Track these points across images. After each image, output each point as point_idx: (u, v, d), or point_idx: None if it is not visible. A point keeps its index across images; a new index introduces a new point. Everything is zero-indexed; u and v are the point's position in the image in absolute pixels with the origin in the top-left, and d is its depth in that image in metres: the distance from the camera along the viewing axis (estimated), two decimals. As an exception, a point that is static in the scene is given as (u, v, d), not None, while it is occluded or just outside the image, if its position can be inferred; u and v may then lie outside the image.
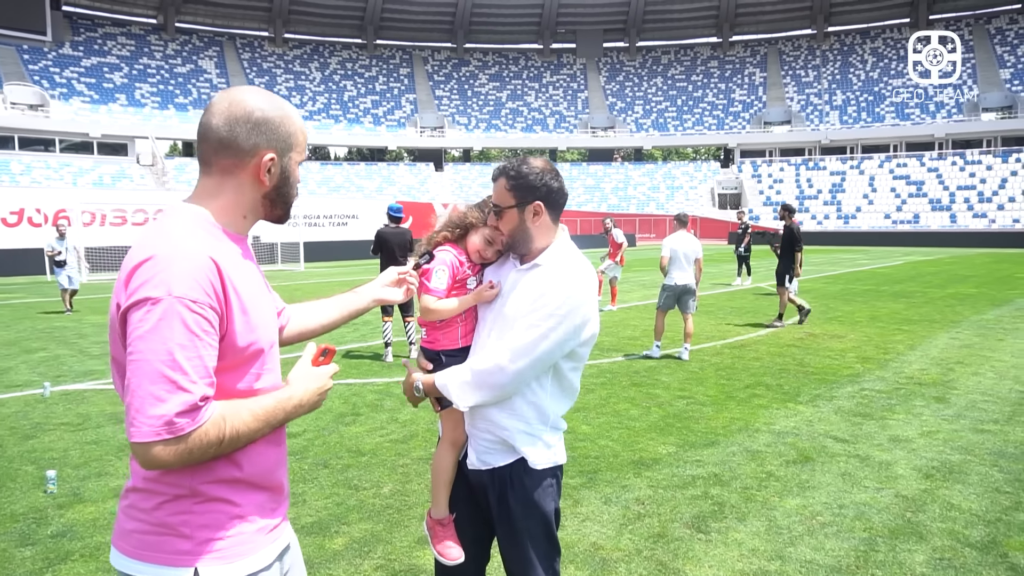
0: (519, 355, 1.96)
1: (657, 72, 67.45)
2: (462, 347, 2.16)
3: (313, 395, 1.56)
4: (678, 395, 6.68)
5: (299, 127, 1.58)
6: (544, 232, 2.11)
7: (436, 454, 2.21)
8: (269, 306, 1.59)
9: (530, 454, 2.07)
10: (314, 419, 5.92)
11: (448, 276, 2.10)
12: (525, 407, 2.06)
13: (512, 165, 2.08)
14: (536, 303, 2.00)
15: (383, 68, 64.92)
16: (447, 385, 2.03)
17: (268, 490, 1.55)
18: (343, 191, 50.30)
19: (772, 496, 4.23)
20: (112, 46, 55.10)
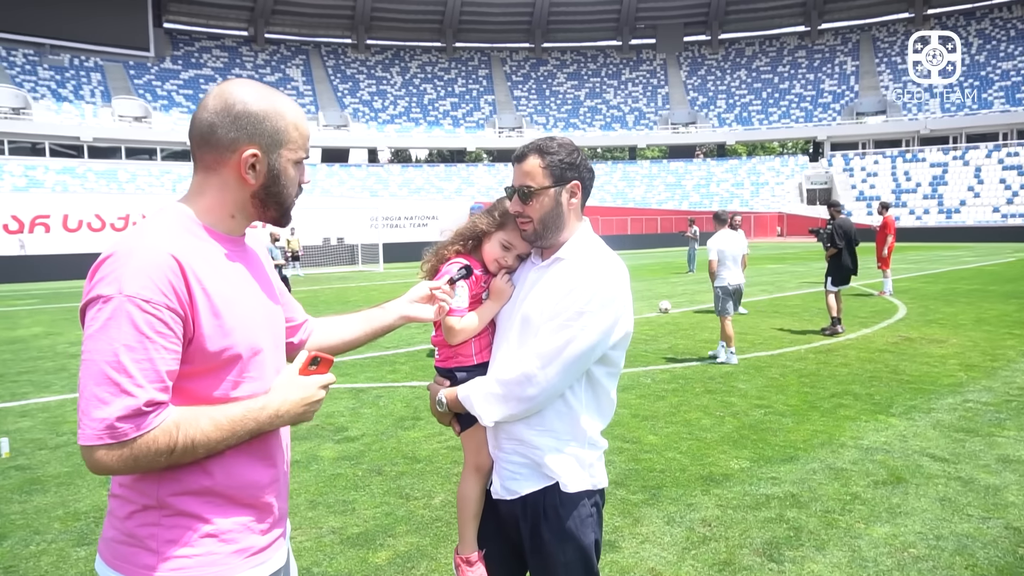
0: (548, 361, 1.73)
1: (741, 65, 65.30)
2: (477, 364, 1.94)
3: (295, 406, 1.42)
4: (755, 404, 6.25)
5: (291, 122, 1.45)
6: (573, 220, 1.89)
7: (460, 483, 1.98)
8: (256, 311, 1.45)
9: (563, 475, 1.83)
10: (374, 423, 5.85)
11: (467, 292, 1.91)
12: (557, 421, 1.82)
13: (543, 142, 1.87)
14: (563, 301, 1.77)
15: (462, 70, 65.61)
16: (470, 397, 1.82)
17: (250, 508, 1.43)
18: (423, 192, 51.11)
19: (857, 522, 3.81)
20: (207, 59, 57.97)
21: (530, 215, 1.85)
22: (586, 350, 1.75)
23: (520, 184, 1.85)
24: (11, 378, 7.99)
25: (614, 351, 1.85)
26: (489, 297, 1.94)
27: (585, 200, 1.91)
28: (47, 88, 48.47)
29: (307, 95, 58.72)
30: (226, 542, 1.39)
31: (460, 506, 1.96)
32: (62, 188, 39.16)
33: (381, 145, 58.73)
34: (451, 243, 2.00)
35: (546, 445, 1.82)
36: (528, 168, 1.85)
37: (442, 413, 1.93)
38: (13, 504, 4.26)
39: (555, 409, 1.82)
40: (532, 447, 1.83)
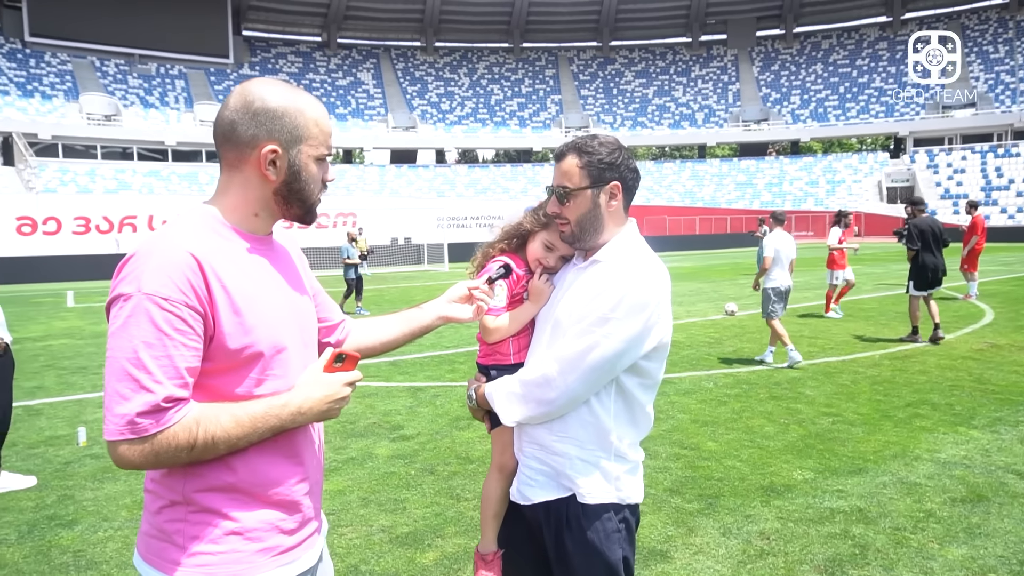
0: (567, 367, 1.67)
1: (817, 59, 63.02)
2: (515, 363, 1.91)
3: (319, 403, 1.40)
4: (823, 412, 5.97)
5: (311, 118, 1.44)
6: (614, 222, 1.81)
7: (484, 481, 1.98)
8: (279, 310, 1.44)
9: (583, 486, 1.75)
10: (430, 422, 5.88)
11: (507, 291, 1.90)
12: (580, 429, 1.75)
13: (583, 140, 1.80)
14: (589, 305, 1.71)
15: (529, 70, 65.68)
16: (493, 395, 1.80)
17: (276, 506, 1.42)
18: (489, 193, 51.41)
19: (931, 542, 3.58)
20: (283, 64, 59.91)
21: (567, 216, 1.79)
22: (609, 358, 1.67)
23: (557, 184, 1.80)
24: (93, 370, 8.42)
25: (648, 362, 1.76)
26: (529, 298, 1.91)
27: (628, 201, 1.83)
28: (136, 96, 51.10)
29: (377, 98, 59.96)
30: (251, 540, 1.38)
31: (483, 504, 1.96)
32: (148, 190, 41.23)
33: (448, 146, 59.39)
34: (497, 241, 1.99)
35: (568, 453, 1.76)
36: (566, 168, 1.79)
37: (474, 408, 1.92)
38: (86, 491, 4.47)
39: (579, 416, 1.75)
40: (553, 453, 1.78)
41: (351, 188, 48.65)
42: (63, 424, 6.03)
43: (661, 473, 4.58)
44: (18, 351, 9.77)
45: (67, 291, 20.33)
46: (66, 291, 20.33)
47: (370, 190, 49.09)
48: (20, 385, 7.61)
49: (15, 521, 4.03)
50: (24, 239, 28.58)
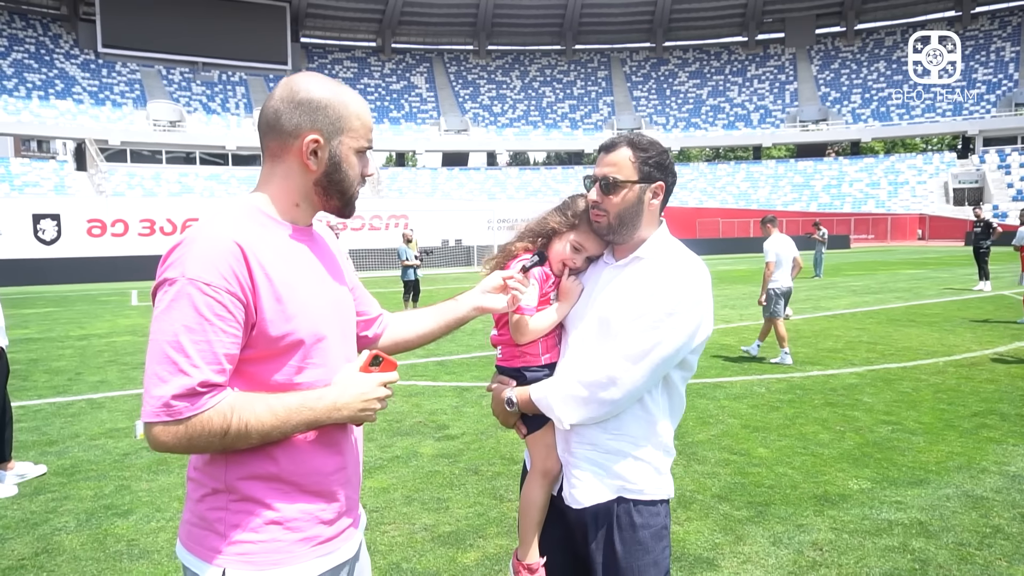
0: (635, 363, 1.66)
1: (879, 56, 60.98)
2: (545, 364, 1.86)
3: (354, 400, 1.40)
4: (882, 420, 5.74)
5: (353, 112, 1.46)
6: (651, 221, 1.82)
7: (525, 488, 1.89)
8: (319, 298, 1.45)
9: (640, 482, 1.75)
10: (475, 422, 5.87)
11: (538, 291, 1.83)
12: (635, 425, 1.75)
13: (636, 136, 1.81)
14: (649, 302, 1.70)
15: (581, 72, 65.44)
16: (547, 398, 1.73)
17: (317, 497, 1.43)
18: (540, 195, 51.38)
19: (998, 559, 3.38)
20: (339, 70, 61.16)
21: (607, 208, 1.77)
22: (673, 352, 1.69)
23: (604, 174, 1.77)
24: (154, 366, 8.70)
25: (693, 355, 1.78)
26: (559, 298, 1.87)
27: (664, 205, 1.84)
28: (199, 102, 52.90)
29: (430, 101, 60.64)
30: (291, 530, 1.39)
31: (524, 511, 1.87)
32: (209, 193, 42.59)
33: (500, 148, 59.62)
34: (519, 240, 1.92)
35: (621, 450, 1.75)
36: (617, 159, 1.78)
37: (509, 413, 1.84)
38: (142, 482, 4.61)
39: (632, 413, 1.75)
40: (607, 452, 1.76)
41: (403, 191, 49.30)
42: (123, 417, 6.24)
43: (709, 479, 4.46)
44: (84, 347, 10.21)
45: (132, 290, 21.13)
46: (131, 290, 21.14)
47: (422, 192, 49.66)
48: (85, 379, 7.94)
49: (75, 509, 4.18)
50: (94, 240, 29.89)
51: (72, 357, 9.38)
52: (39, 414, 6.41)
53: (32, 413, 6.41)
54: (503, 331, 1.88)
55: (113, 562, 3.51)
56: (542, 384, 1.78)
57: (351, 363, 1.47)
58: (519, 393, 1.81)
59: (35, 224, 27.90)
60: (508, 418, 1.86)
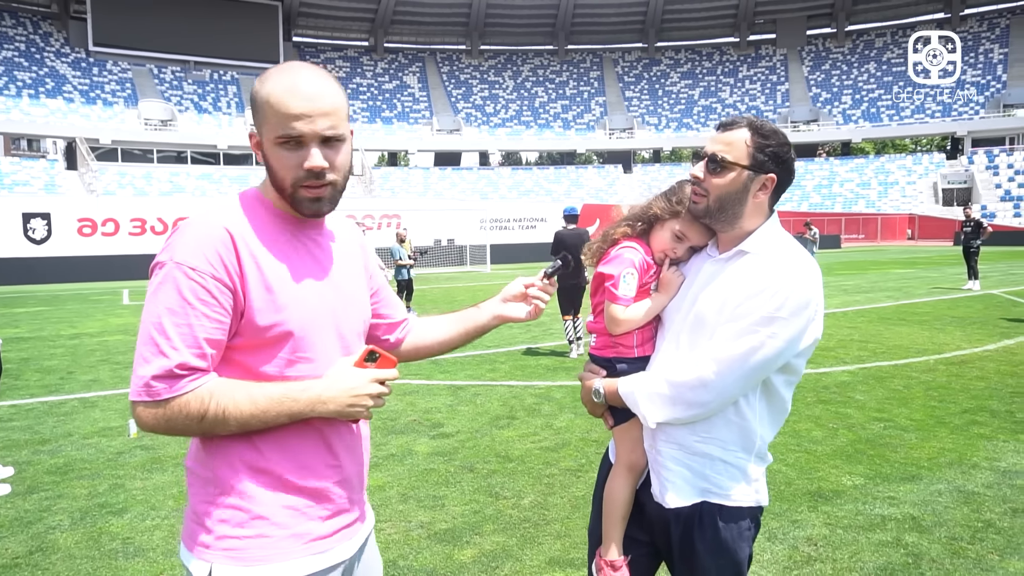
0: (728, 368, 1.58)
1: (870, 57, 61.33)
2: (638, 356, 1.79)
3: (342, 395, 1.35)
4: (874, 417, 5.78)
5: (272, 102, 1.32)
6: (757, 214, 1.69)
7: (609, 481, 1.84)
8: (315, 293, 1.41)
9: (728, 488, 1.68)
10: (470, 420, 5.88)
11: (637, 280, 1.75)
12: (725, 429, 1.67)
13: (760, 121, 1.67)
14: (749, 303, 1.59)
15: (573, 72, 65.50)
16: (634, 394, 1.69)
17: (305, 493, 1.38)
18: (532, 195, 51.40)
19: (989, 552, 3.41)
20: (331, 69, 60.95)
21: (709, 188, 1.66)
22: (771, 358, 1.58)
23: (714, 151, 1.65)
24: (146, 365, 8.67)
25: (798, 359, 1.66)
26: (658, 289, 1.79)
27: (774, 201, 1.72)
28: (190, 101, 52.64)
29: (422, 101, 60.56)
30: (278, 525, 1.35)
31: (608, 507, 1.82)
32: (200, 193, 42.39)
33: (492, 148, 59.59)
34: (619, 225, 1.85)
35: (710, 454, 1.68)
36: (732, 138, 1.65)
37: (596, 404, 1.80)
38: (136, 480, 4.59)
39: (724, 417, 1.66)
40: (694, 454, 1.69)
41: (396, 190, 49.21)
42: (116, 416, 6.22)
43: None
44: (76, 346, 10.16)
45: (123, 289, 21.02)
46: (122, 289, 21.03)
47: (414, 192, 49.58)
48: (77, 378, 7.90)
49: (68, 508, 4.16)
50: (84, 239, 29.67)
51: (64, 356, 9.33)
52: (31, 413, 6.37)
53: (24, 412, 6.38)
54: (599, 319, 1.83)
55: (108, 560, 3.50)
56: (631, 378, 1.73)
57: (347, 357, 1.42)
58: (607, 384, 1.76)
59: (25, 223, 27.67)
60: (595, 408, 1.82)
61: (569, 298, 8.70)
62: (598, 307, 1.84)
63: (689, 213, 1.74)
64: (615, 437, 1.84)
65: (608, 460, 1.91)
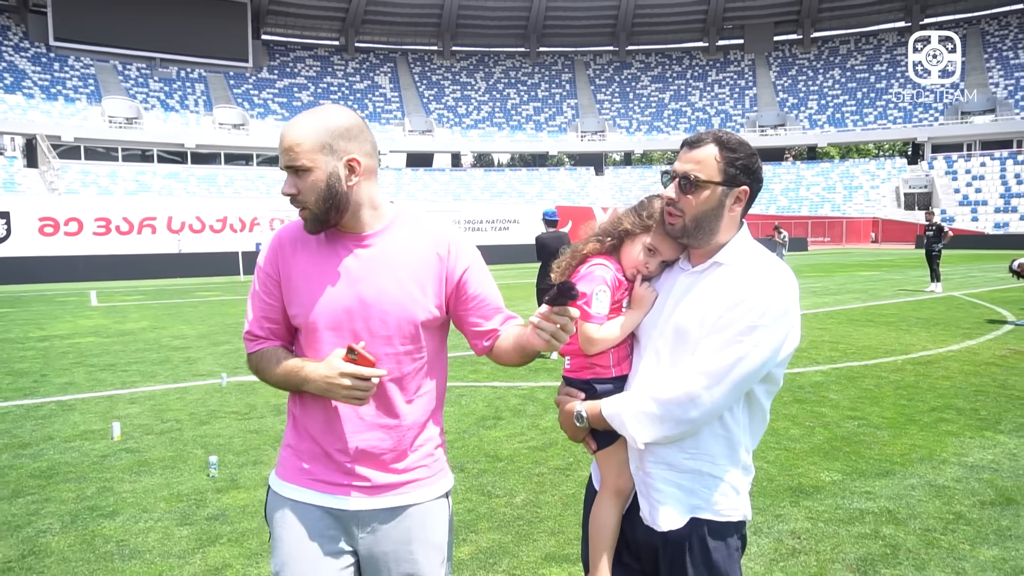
0: (715, 380, 1.57)
1: (834, 64, 62.73)
2: (616, 376, 1.76)
3: (319, 379, 1.62)
4: (848, 415, 5.98)
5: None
6: (731, 226, 1.70)
7: (595, 509, 1.79)
8: (324, 296, 1.66)
9: (718, 502, 1.68)
10: (456, 421, 5.94)
11: (609, 297, 1.72)
12: (713, 443, 1.66)
13: (726, 135, 1.68)
14: (731, 314, 1.59)
15: (545, 75, 65.82)
16: (620, 415, 1.64)
17: (317, 447, 1.72)
18: (505, 196, 51.53)
19: (961, 543, 3.59)
20: (301, 68, 60.42)
21: (684, 208, 1.65)
22: (757, 368, 1.58)
23: (685, 171, 1.65)
24: (122, 367, 8.56)
25: (778, 368, 1.67)
26: (631, 306, 1.77)
27: (746, 211, 1.73)
28: (156, 99, 51.71)
29: (394, 101, 60.31)
30: (295, 457, 1.75)
31: (595, 533, 1.77)
32: (167, 192, 41.68)
33: (465, 149, 59.60)
34: (588, 241, 1.82)
35: (700, 470, 1.66)
36: (701, 156, 1.65)
37: (578, 428, 1.75)
38: (124, 484, 4.57)
39: (711, 431, 1.65)
40: (683, 472, 1.67)
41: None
42: (96, 419, 6.15)
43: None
44: (47, 348, 9.97)
45: (90, 290, 20.61)
46: (89, 290, 20.61)
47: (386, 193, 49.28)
48: (51, 381, 7.78)
49: (57, 511, 4.13)
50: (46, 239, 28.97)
51: (35, 359, 9.16)
52: (7, 416, 6.27)
53: (0, 415, 6.27)
54: (572, 340, 1.75)
55: (104, 563, 3.49)
56: (614, 399, 1.69)
57: (339, 349, 1.62)
58: (589, 407, 1.71)
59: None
60: (577, 433, 1.77)
61: (549, 300, 8.81)
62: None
63: (661, 229, 1.72)
64: (599, 462, 1.79)
65: (593, 487, 1.86)
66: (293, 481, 1.72)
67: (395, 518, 1.71)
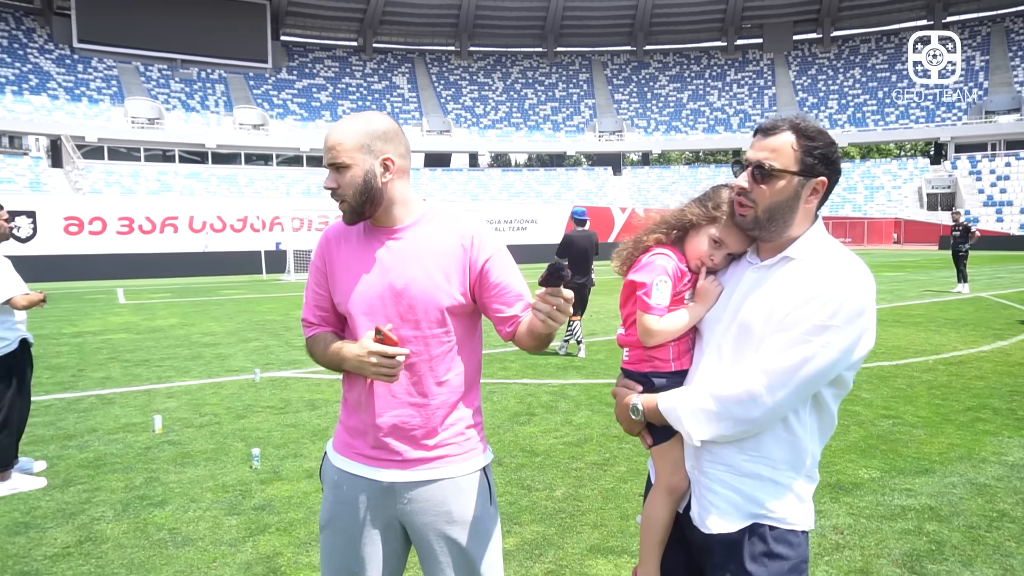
0: (779, 381, 1.49)
1: (855, 63, 62.12)
2: (675, 370, 1.71)
3: (352, 358, 1.79)
4: (882, 414, 5.96)
5: None
6: (805, 219, 1.61)
7: (648, 503, 1.76)
8: (357, 286, 1.83)
9: (779, 510, 1.57)
10: (490, 416, 5.99)
11: (671, 288, 1.67)
12: (775, 447, 1.57)
13: (804, 122, 1.58)
14: (800, 311, 1.50)
15: (563, 75, 65.75)
16: (676, 410, 1.59)
17: (359, 422, 1.87)
18: (523, 196, 51.54)
19: (1007, 540, 3.59)
20: (320, 69, 60.79)
21: (757, 199, 1.57)
22: (824, 370, 1.49)
23: (759, 159, 1.56)
24: (155, 363, 8.70)
25: (850, 371, 1.58)
26: (694, 299, 1.71)
27: (822, 203, 1.63)
28: (178, 99, 52.24)
29: (412, 102, 60.54)
30: (344, 430, 1.93)
31: (646, 530, 1.74)
32: (189, 192, 42.11)
33: (482, 150, 59.67)
34: (652, 231, 1.77)
35: (759, 474, 1.58)
36: (777, 144, 1.56)
37: (633, 421, 1.71)
38: (170, 474, 4.67)
39: (774, 434, 1.56)
40: (742, 475, 1.59)
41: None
42: (136, 412, 6.27)
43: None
44: (81, 344, 10.14)
45: (116, 288, 20.90)
46: (115, 288, 20.90)
47: (404, 193, 49.50)
48: (89, 375, 7.93)
49: (109, 500, 4.23)
50: (71, 238, 29.39)
51: (71, 354, 9.32)
52: (50, 409, 6.41)
53: (43, 408, 6.40)
54: (630, 331, 1.74)
55: (159, 549, 3.58)
56: (671, 393, 1.64)
57: (370, 331, 1.78)
58: (645, 400, 1.67)
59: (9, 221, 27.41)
60: (632, 426, 1.73)
61: (577, 297, 8.83)
62: (629, 318, 1.74)
63: (730, 222, 1.66)
64: (653, 457, 1.75)
65: (650, 481, 1.83)
66: (341, 452, 1.90)
67: (428, 491, 1.83)
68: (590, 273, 8.95)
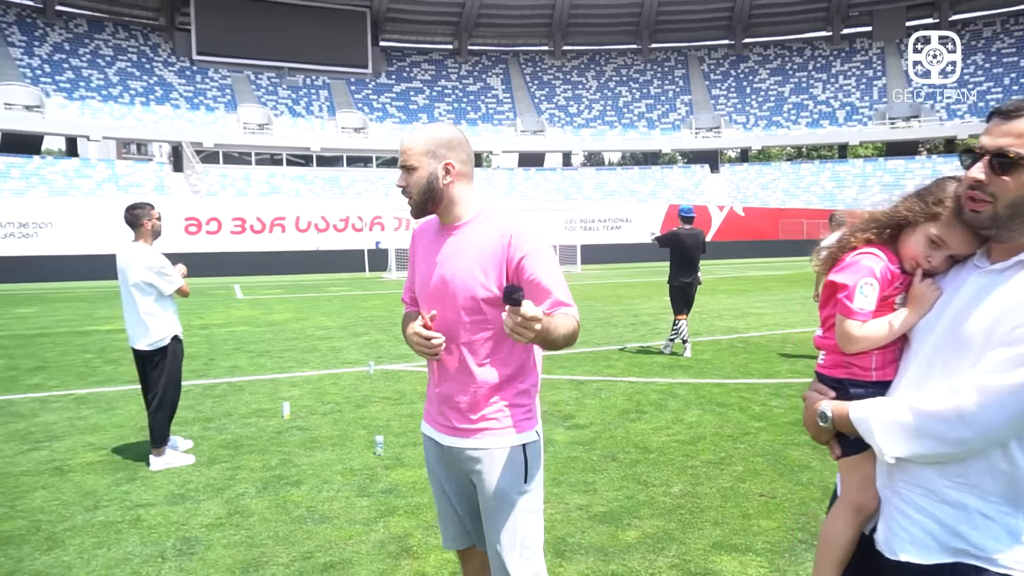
0: (996, 402, 1.29)
1: (977, 48, 57.95)
2: (876, 381, 1.57)
3: (407, 337, 2.13)
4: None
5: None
6: None
7: (829, 519, 1.63)
8: (422, 274, 2.15)
9: (992, 551, 1.36)
10: (600, 413, 6.03)
11: (877, 292, 1.53)
12: (988, 477, 1.36)
13: None
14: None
15: (658, 71, 64.73)
16: (868, 420, 1.44)
17: (430, 392, 2.20)
18: (617, 195, 51.12)
19: None
20: (416, 72, 62.45)
21: (997, 192, 1.38)
22: None
23: (1000, 146, 1.37)
24: (276, 354, 9.24)
25: None
26: (907, 303, 1.55)
27: None
28: (285, 106, 54.99)
29: (506, 102, 61.18)
30: (426, 400, 2.27)
31: (825, 547, 1.61)
32: (295, 193, 44.24)
33: (576, 149, 59.56)
34: (861, 230, 1.63)
35: (965, 504, 1.38)
36: (1022, 128, 1.36)
37: (822, 429, 1.58)
38: (302, 457, 4.97)
39: (988, 462, 1.36)
40: (943, 502, 1.40)
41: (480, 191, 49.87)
42: (265, 399, 6.70)
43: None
44: (208, 335, 10.89)
45: (233, 284, 22.23)
46: (232, 284, 22.25)
47: (499, 193, 50.15)
48: (219, 364, 8.51)
49: (250, 478, 4.56)
50: (190, 237, 31.52)
51: (200, 344, 10.04)
52: (188, 394, 6.93)
53: (183, 393, 6.88)
54: (828, 334, 1.63)
55: (299, 524, 3.84)
56: (865, 402, 1.49)
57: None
58: (836, 408, 1.53)
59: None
60: (820, 434, 1.60)
61: (683, 296, 8.71)
62: (828, 320, 1.63)
63: (954, 219, 1.49)
64: (841, 471, 1.62)
65: (836, 494, 1.69)
66: (424, 419, 2.26)
67: (472, 457, 2.09)
68: (697, 272, 8.81)
